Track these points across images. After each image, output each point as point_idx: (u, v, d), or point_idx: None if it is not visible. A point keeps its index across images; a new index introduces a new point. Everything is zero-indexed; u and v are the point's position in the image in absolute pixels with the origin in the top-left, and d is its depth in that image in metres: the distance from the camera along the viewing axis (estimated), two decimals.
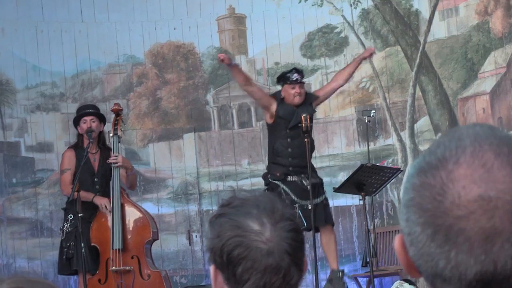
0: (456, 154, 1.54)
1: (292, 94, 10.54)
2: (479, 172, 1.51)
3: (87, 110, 10.64)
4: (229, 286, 2.69)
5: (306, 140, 10.35)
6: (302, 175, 10.30)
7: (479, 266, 1.49)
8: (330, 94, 10.97)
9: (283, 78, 10.80)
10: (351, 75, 10.73)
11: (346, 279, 10.66)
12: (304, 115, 10.42)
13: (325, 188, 10.75)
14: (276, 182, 10.46)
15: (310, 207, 9.80)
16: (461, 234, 1.48)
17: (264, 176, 10.75)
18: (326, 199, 10.62)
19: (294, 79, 10.61)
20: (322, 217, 10.44)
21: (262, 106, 10.92)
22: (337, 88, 10.93)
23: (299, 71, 10.94)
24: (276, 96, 10.88)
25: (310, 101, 10.73)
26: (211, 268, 2.69)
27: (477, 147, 1.54)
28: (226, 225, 2.67)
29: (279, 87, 13.32)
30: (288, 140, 10.54)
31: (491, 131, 1.59)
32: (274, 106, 10.66)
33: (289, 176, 10.38)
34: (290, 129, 10.53)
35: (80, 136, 10.45)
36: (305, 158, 10.30)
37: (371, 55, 10.84)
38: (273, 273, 2.64)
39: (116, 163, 10.26)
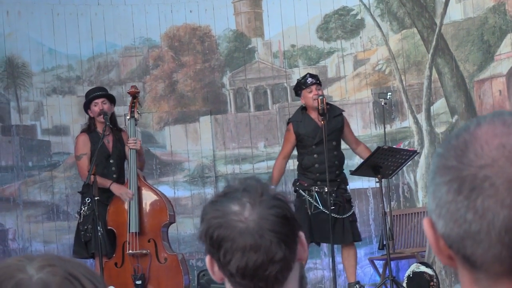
0: (477, 120, 1.60)
1: (311, 97, 10.50)
2: (500, 128, 1.56)
3: (97, 92, 10.62)
4: (222, 272, 2.70)
5: (322, 122, 10.35)
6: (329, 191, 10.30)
7: (506, 210, 1.50)
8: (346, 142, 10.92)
9: (299, 86, 10.78)
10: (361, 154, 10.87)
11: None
12: (320, 98, 10.46)
13: (352, 204, 10.80)
14: (302, 191, 10.47)
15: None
16: (486, 180, 1.50)
17: (294, 183, 10.76)
18: (354, 215, 10.66)
19: (310, 82, 10.57)
20: (350, 235, 10.46)
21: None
22: (352, 148, 11.00)
23: (313, 75, 10.93)
24: (295, 119, 10.81)
25: (334, 114, 10.65)
26: (207, 259, 2.69)
27: (496, 114, 1.60)
28: (209, 210, 2.69)
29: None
30: (315, 156, 10.53)
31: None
32: (294, 138, 10.62)
33: (316, 187, 10.38)
34: (316, 145, 10.49)
35: (92, 119, 10.43)
36: (331, 173, 10.34)
37: None
38: (252, 250, 2.63)
39: (135, 147, 10.27)
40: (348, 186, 10.78)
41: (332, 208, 10.06)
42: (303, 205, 10.23)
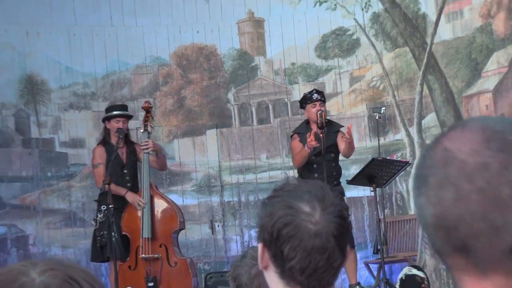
0: (462, 124, 1.56)
1: (314, 112, 10.48)
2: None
3: (121, 111, 10.64)
4: (275, 263, 2.69)
5: (321, 135, 10.34)
6: None
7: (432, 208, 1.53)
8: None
9: (304, 100, 10.78)
10: (345, 150, 10.60)
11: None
12: (319, 112, 10.45)
13: (349, 212, 10.62)
14: None
15: None
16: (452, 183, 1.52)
17: None
18: (350, 223, 10.55)
19: (315, 98, 10.59)
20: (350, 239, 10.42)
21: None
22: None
23: (319, 92, 10.92)
24: (299, 130, 10.89)
25: (334, 130, 10.70)
26: (259, 246, 2.69)
27: (475, 122, 1.58)
28: (278, 205, 2.68)
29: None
30: (314, 166, 10.54)
31: None
32: (301, 145, 10.58)
33: None
34: (316, 156, 10.51)
35: (107, 130, 10.49)
36: (329, 183, 10.08)
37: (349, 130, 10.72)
38: (318, 253, 2.63)
39: (148, 148, 10.33)
40: (344, 197, 10.75)
41: None
42: None
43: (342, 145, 10.60)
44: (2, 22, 12.40)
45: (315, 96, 10.68)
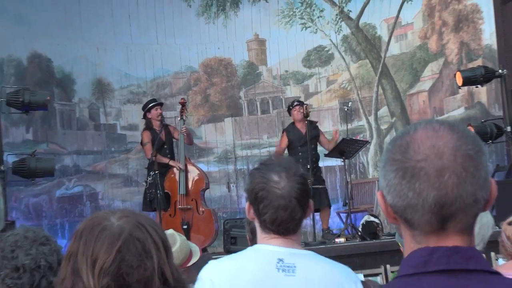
0: (415, 126, 1.55)
1: (296, 114, 10.50)
2: (431, 133, 1.51)
3: (157, 102, 10.63)
4: (256, 217, 2.75)
5: (306, 122, 10.37)
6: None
7: (435, 191, 1.48)
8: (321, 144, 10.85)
9: (289, 108, 10.79)
10: (329, 148, 10.56)
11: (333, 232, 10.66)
12: (305, 105, 10.53)
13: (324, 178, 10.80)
14: None
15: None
16: (421, 170, 1.48)
17: None
18: (326, 189, 10.63)
19: (295, 104, 10.60)
20: (325, 201, 10.41)
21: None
22: (324, 147, 10.80)
23: (298, 100, 11.04)
24: (287, 129, 10.81)
25: (312, 127, 10.58)
26: (246, 204, 2.76)
27: (428, 122, 1.56)
28: (257, 175, 2.73)
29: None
30: (299, 153, 10.35)
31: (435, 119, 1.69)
32: (287, 140, 10.58)
33: None
34: (300, 146, 10.44)
35: (148, 119, 10.43)
36: (310, 162, 10.16)
37: (336, 133, 10.71)
38: (283, 210, 2.66)
39: (184, 132, 10.30)
40: (322, 174, 10.71)
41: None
42: None
43: (330, 146, 10.60)
44: (80, 41, 12.33)
45: (295, 103, 10.68)
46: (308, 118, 10.53)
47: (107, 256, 1.89)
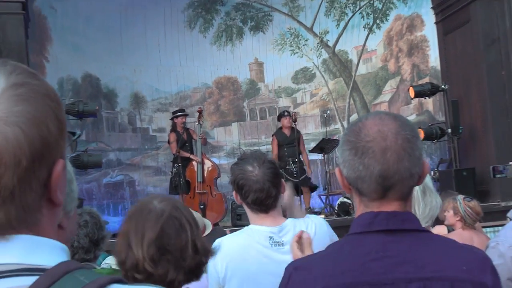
0: (366, 116, 1.55)
1: (286, 122, 10.43)
2: (378, 121, 1.50)
3: (184, 113, 10.63)
4: (242, 200, 2.71)
5: (294, 126, 10.40)
6: (293, 167, 10.24)
7: (380, 165, 1.47)
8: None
9: (279, 116, 10.72)
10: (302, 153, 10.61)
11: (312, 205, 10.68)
12: (293, 112, 10.66)
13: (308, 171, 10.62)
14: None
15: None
16: (370, 149, 1.48)
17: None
18: (308, 177, 10.49)
19: (285, 114, 10.53)
20: (306, 186, 10.35)
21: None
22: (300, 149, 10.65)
23: (287, 111, 10.92)
24: (276, 133, 10.71)
25: (296, 132, 10.52)
26: (234, 193, 2.72)
27: (377, 113, 1.57)
28: (236, 168, 2.70)
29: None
30: (285, 150, 10.37)
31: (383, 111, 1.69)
32: (276, 142, 10.52)
33: (287, 167, 10.17)
34: (285, 146, 10.40)
35: (174, 124, 10.42)
36: (294, 159, 10.23)
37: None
38: (259, 192, 2.61)
39: (201, 136, 10.32)
40: (304, 167, 10.57)
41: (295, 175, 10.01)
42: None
43: (303, 154, 10.63)
44: (121, 64, 12.25)
45: (285, 113, 10.62)
46: (296, 123, 10.52)
47: (152, 231, 1.92)
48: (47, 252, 0.89)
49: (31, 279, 0.84)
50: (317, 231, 2.74)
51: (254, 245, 2.68)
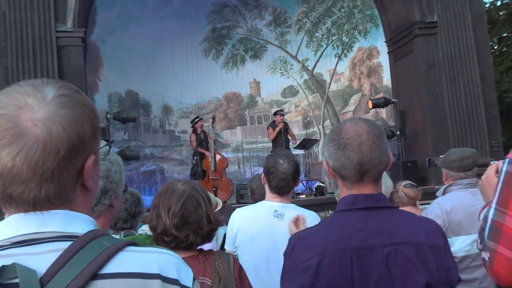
0: (344, 121, 1.53)
1: (278, 120, 10.32)
2: (354, 124, 1.49)
3: (200, 118, 10.56)
4: (267, 182, 2.67)
5: (282, 124, 10.27)
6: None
7: (357, 156, 1.46)
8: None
9: (275, 113, 10.60)
10: (292, 137, 10.46)
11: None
12: (283, 117, 10.46)
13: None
14: None
15: None
16: (349, 144, 1.47)
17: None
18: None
19: (279, 113, 10.43)
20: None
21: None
22: (290, 137, 10.49)
23: (280, 110, 10.78)
24: (271, 124, 10.50)
25: (286, 126, 10.47)
26: (262, 174, 2.67)
27: (352, 119, 1.54)
28: (270, 158, 2.68)
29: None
30: (280, 141, 10.24)
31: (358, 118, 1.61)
32: (272, 130, 10.31)
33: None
34: (278, 136, 10.31)
35: (195, 127, 10.35)
36: (285, 144, 10.10)
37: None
38: (283, 180, 2.60)
39: (213, 138, 10.25)
40: (291, 142, 10.39)
41: None
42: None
43: (292, 137, 10.47)
44: (154, 83, 12.19)
45: (279, 112, 10.49)
46: (284, 117, 10.53)
47: (176, 206, 1.90)
48: (79, 224, 0.89)
49: (67, 244, 0.85)
50: (309, 220, 2.76)
51: (261, 214, 2.65)
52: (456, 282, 1.44)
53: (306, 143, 10.73)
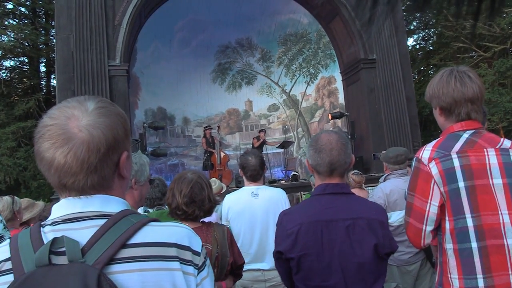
0: (321, 132, 1.40)
1: (262, 136, 10.25)
2: (327, 134, 1.38)
3: (210, 127, 10.40)
4: (243, 175, 2.58)
5: (263, 135, 10.27)
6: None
7: (328, 157, 1.43)
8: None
9: (260, 131, 10.50)
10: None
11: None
12: (263, 134, 10.37)
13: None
14: None
15: None
16: (323, 149, 1.38)
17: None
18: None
19: (263, 130, 10.37)
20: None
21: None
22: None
23: (263, 130, 10.61)
24: (256, 137, 10.26)
25: (264, 139, 10.34)
26: (240, 170, 2.61)
27: (326, 131, 1.48)
28: (242, 157, 2.60)
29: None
30: (259, 148, 10.15)
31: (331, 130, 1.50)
32: (257, 141, 10.00)
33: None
34: (258, 146, 10.18)
35: (205, 133, 10.19)
36: (262, 151, 9.92)
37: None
38: (254, 170, 2.52)
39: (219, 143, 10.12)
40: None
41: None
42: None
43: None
44: (177, 101, 12.12)
45: (263, 130, 10.41)
46: (265, 133, 10.43)
47: (186, 189, 1.86)
48: (114, 205, 0.87)
49: (103, 221, 0.84)
50: (277, 194, 2.62)
51: (243, 196, 2.59)
52: (395, 249, 1.44)
53: (285, 144, 10.73)
